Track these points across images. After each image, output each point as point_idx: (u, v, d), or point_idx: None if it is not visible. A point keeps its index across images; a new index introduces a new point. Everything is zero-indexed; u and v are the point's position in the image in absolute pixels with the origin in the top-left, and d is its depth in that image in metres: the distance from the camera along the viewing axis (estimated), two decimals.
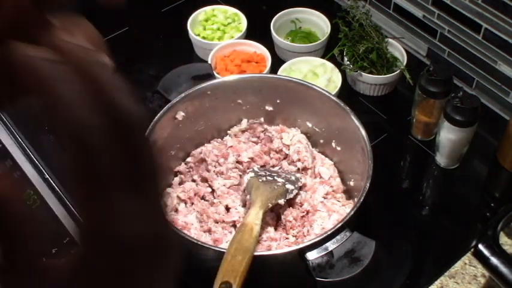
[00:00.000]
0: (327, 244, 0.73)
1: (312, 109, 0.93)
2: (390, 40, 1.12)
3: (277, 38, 1.15)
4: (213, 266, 0.69)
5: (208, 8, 1.22)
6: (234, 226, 0.86)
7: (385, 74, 1.07)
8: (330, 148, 0.94)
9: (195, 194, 0.90)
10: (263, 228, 0.82)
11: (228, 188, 0.90)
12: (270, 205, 0.82)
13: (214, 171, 0.91)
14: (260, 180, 0.86)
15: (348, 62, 1.09)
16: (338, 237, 0.74)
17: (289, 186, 0.86)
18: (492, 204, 0.97)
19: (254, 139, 0.97)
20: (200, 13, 1.21)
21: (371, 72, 1.08)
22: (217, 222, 0.86)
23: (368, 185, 0.78)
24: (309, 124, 0.95)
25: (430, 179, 1.02)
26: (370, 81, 1.08)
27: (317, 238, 0.74)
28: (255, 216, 0.78)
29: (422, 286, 0.85)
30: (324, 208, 0.86)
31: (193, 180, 0.93)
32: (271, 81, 0.95)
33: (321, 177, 0.91)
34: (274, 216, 0.87)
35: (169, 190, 0.90)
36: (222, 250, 0.72)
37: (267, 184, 0.85)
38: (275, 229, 0.85)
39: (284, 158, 0.94)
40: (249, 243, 0.73)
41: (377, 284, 0.86)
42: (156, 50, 1.19)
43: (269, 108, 0.96)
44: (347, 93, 1.10)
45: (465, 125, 0.91)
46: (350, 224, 0.75)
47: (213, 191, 0.91)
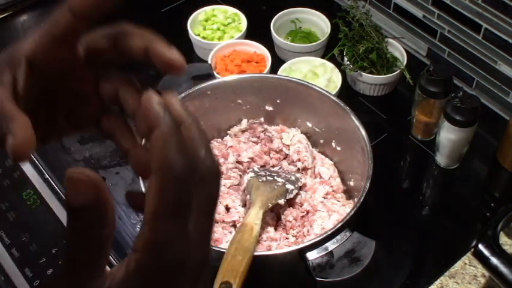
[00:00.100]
0: (327, 244, 0.73)
1: (312, 109, 0.93)
2: (390, 40, 1.12)
3: (277, 38, 1.15)
4: (213, 266, 0.69)
5: (208, 8, 1.22)
6: (234, 226, 0.86)
7: (385, 74, 1.07)
8: (330, 148, 0.94)
9: None
10: (263, 228, 0.82)
11: (228, 188, 0.90)
12: (270, 205, 0.82)
13: None
14: (260, 180, 0.86)
15: (348, 62, 1.09)
16: (338, 237, 0.74)
17: (289, 186, 0.86)
18: (492, 204, 0.97)
19: (254, 139, 0.97)
20: (200, 13, 1.21)
21: (371, 72, 1.08)
22: (217, 222, 0.86)
23: (368, 185, 0.78)
24: (309, 124, 0.95)
25: (430, 179, 1.02)
26: (370, 81, 1.08)
27: (317, 238, 0.74)
28: (255, 216, 0.78)
29: (422, 286, 0.85)
30: (324, 208, 0.86)
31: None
32: (271, 81, 0.95)
33: (321, 177, 0.91)
34: (274, 216, 0.87)
35: None
36: (222, 250, 0.72)
37: (267, 184, 0.85)
38: (275, 229, 0.85)
39: (284, 158, 0.94)
40: (249, 243, 0.73)
41: (377, 284, 0.86)
42: None
43: (269, 108, 0.96)
44: (347, 93, 1.10)
45: (465, 125, 0.91)
46: (350, 224, 0.75)
47: None
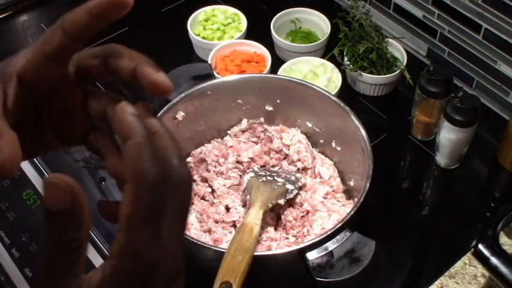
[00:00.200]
0: (327, 244, 0.73)
1: (312, 109, 0.93)
2: (390, 40, 1.12)
3: (277, 38, 1.15)
4: (213, 266, 0.69)
5: (208, 8, 1.22)
6: (234, 226, 0.86)
7: (385, 74, 1.07)
8: (330, 148, 0.94)
9: (195, 194, 0.90)
10: (263, 228, 0.82)
11: (228, 188, 0.90)
12: (270, 205, 0.82)
13: (214, 171, 0.91)
14: (260, 180, 0.86)
15: (348, 62, 1.09)
16: (338, 237, 0.74)
17: (289, 186, 0.86)
18: (492, 204, 0.97)
19: (254, 139, 0.97)
20: (200, 13, 1.21)
21: (371, 72, 1.08)
22: (217, 222, 0.86)
23: (368, 185, 0.78)
24: (309, 124, 0.95)
25: (430, 179, 1.02)
26: (370, 81, 1.08)
27: (317, 238, 0.74)
28: (255, 216, 0.78)
29: (422, 286, 0.85)
30: (324, 208, 0.86)
31: (193, 180, 0.93)
32: (271, 81, 0.95)
33: (321, 177, 0.91)
34: (274, 216, 0.87)
35: None
36: (222, 250, 0.72)
37: (267, 184, 0.85)
38: (275, 229, 0.85)
39: (284, 158, 0.94)
40: (249, 243, 0.73)
41: (377, 284, 0.86)
42: (156, 50, 1.19)
43: (269, 108, 0.96)
44: (347, 93, 1.10)
45: (465, 125, 0.91)
46: (350, 224, 0.75)
47: (213, 191, 0.91)
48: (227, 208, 0.88)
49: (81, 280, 0.35)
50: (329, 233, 0.74)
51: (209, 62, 1.09)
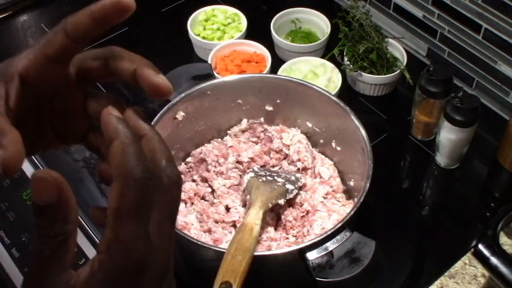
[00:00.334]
0: (327, 244, 0.73)
1: (312, 109, 0.93)
2: (390, 40, 1.12)
3: (277, 38, 1.15)
4: (213, 266, 0.69)
5: (208, 8, 1.22)
6: (234, 226, 0.86)
7: (385, 74, 1.07)
8: (330, 148, 0.94)
9: (195, 194, 0.90)
10: (263, 228, 0.82)
11: (228, 188, 0.90)
12: (270, 205, 0.82)
13: (214, 171, 0.91)
14: (260, 180, 0.85)
15: (348, 62, 1.09)
16: (338, 237, 0.74)
17: (289, 186, 0.86)
18: (492, 204, 0.97)
19: (254, 139, 0.97)
20: (200, 13, 1.21)
21: (371, 72, 1.08)
22: (217, 222, 0.86)
23: (368, 185, 0.78)
24: (309, 124, 0.95)
25: (430, 179, 1.02)
26: (370, 81, 1.08)
27: (317, 238, 0.74)
28: (255, 216, 0.78)
29: (422, 286, 0.85)
30: (324, 208, 0.86)
31: (193, 180, 0.93)
32: (271, 81, 0.95)
33: (321, 177, 0.91)
34: (274, 216, 0.87)
35: None
36: (222, 250, 0.72)
37: (267, 184, 0.85)
38: (275, 229, 0.85)
39: (284, 158, 0.94)
40: (249, 243, 0.73)
41: (377, 284, 0.86)
42: (156, 50, 1.19)
43: (269, 108, 0.95)
44: (347, 93, 1.10)
45: (465, 125, 0.91)
46: (350, 224, 0.75)
47: (213, 191, 0.91)
48: (227, 208, 0.88)
49: (69, 275, 0.35)
50: (329, 233, 0.73)
51: (209, 62, 1.09)
